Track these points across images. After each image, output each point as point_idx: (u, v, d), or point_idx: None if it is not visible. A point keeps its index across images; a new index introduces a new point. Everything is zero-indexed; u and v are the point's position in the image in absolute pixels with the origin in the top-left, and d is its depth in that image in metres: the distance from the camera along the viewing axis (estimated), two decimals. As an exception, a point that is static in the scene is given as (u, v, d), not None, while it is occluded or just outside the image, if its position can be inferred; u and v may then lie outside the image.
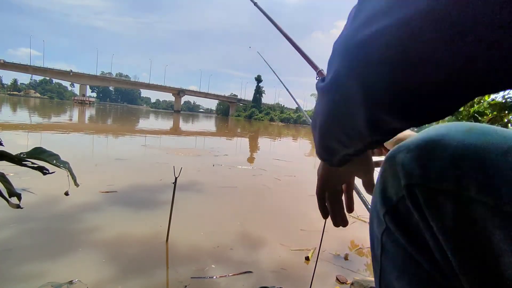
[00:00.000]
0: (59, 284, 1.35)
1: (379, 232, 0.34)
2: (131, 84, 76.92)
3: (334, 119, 0.32)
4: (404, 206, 0.29)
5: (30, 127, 8.02)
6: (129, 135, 8.63)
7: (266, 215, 2.70)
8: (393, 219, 0.31)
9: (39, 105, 27.83)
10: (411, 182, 0.28)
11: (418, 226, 0.28)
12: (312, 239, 2.15)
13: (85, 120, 14.22)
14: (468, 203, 0.25)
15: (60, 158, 0.63)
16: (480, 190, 0.24)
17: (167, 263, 1.66)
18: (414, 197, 0.28)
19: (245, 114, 62.68)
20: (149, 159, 4.80)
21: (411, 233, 0.30)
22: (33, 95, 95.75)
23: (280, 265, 1.75)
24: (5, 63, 52.78)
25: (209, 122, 27.61)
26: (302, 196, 3.55)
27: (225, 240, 2.02)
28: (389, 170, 0.32)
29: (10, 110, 16.52)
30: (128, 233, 1.96)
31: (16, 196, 0.61)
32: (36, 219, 2.04)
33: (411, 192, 0.28)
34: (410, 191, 0.28)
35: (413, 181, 0.28)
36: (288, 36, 0.78)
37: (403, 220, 0.30)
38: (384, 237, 0.33)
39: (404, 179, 0.29)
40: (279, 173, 4.54)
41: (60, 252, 1.64)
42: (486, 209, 0.24)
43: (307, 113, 1.05)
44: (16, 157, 0.60)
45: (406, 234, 0.30)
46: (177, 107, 70.43)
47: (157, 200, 2.69)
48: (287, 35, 0.78)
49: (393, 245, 0.32)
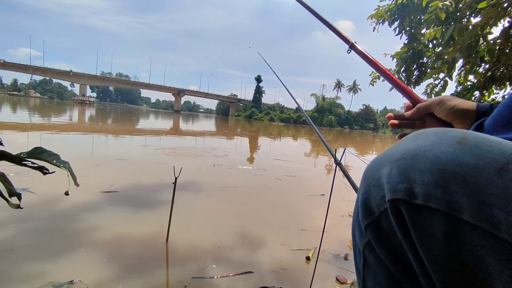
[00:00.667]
0: (59, 284, 1.35)
1: (361, 244, 0.32)
2: (131, 84, 76.92)
3: None
4: (387, 222, 0.27)
5: (31, 127, 8.02)
6: (129, 135, 8.63)
7: (266, 215, 2.70)
8: (375, 234, 0.29)
9: (39, 105, 27.83)
10: (396, 197, 0.26)
11: (401, 246, 0.26)
12: (312, 239, 2.15)
13: (85, 120, 14.22)
14: (459, 226, 0.22)
15: (60, 158, 0.62)
16: (473, 215, 0.22)
17: (167, 263, 1.66)
18: (399, 213, 0.25)
19: (245, 114, 62.64)
20: (149, 159, 4.80)
21: (394, 253, 0.27)
22: (33, 95, 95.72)
23: (281, 265, 1.75)
24: (5, 63, 52.77)
25: (209, 122, 27.60)
26: (303, 196, 3.55)
27: (226, 240, 2.02)
28: (373, 178, 0.29)
29: (10, 110, 16.51)
30: (130, 233, 1.96)
31: (16, 196, 0.60)
32: (37, 219, 2.04)
33: (396, 208, 0.26)
34: (395, 207, 0.26)
35: (398, 195, 0.25)
36: (314, 11, 0.80)
37: (386, 237, 0.28)
38: (366, 251, 0.31)
39: (389, 193, 0.26)
40: (279, 173, 4.54)
41: (61, 252, 1.64)
42: (481, 235, 0.22)
43: (307, 113, 1.05)
44: (16, 157, 0.60)
45: (389, 252, 0.28)
46: (177, 107, 70.42)
47: (158, 200, 2.69)
48: (313, 10, 0.80)
49: (375, 260, 0.30)
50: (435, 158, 0.25)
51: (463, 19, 2.07)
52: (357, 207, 0.32)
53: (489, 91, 2.36)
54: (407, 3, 2.33)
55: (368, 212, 0.29)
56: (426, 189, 0.24)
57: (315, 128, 1.21)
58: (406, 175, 0.26)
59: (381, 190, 0.28)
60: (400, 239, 0.26)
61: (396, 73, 2.68)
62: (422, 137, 0.28)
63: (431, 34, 2.13)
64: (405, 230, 0.25)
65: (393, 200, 0.26)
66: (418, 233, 0.24)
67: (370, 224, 0.29)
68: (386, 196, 0.27)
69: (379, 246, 0.29)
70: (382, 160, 0.29)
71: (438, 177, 0.24)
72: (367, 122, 59.37)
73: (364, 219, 0.30)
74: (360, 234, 0.31)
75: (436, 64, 2.21)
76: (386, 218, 0.27)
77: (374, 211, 0.28)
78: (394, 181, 0.26)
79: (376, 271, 0.30)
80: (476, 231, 0.22)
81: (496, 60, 2.13)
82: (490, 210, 0.22)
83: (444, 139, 0.26)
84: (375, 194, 0.28)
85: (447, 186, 0.23)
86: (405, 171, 0.26)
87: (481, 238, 0.22)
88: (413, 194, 0.25)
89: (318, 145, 10.86)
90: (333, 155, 1.12)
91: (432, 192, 0.24)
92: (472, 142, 0.25)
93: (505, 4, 1.75)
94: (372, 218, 0.29)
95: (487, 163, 0.23)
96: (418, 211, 0.24)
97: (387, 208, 0.26)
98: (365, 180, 0.31)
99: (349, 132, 38.34)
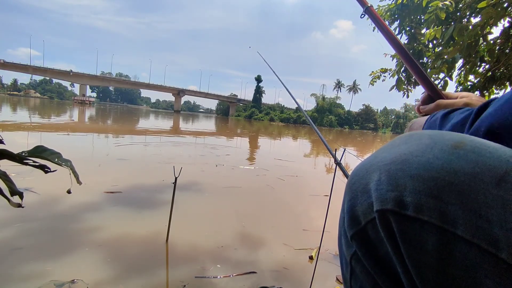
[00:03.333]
0: (61, 282, 1.35)
1: (347, 254, 0.30)
2: (131, 84, 76.91)
3: None
4: (375, 232, 0.25)
5: (31, 127, 8.03)
6: (130, 135, 8.63)
7: (270, 215, 2.70)
8: (362, 244, 0.27)
9: (39, 105, 27.84)
10: (385, 207, 0.24)
11: (389, 258, 0.24)
12: (315, 239, 2.15)
13: (85, 120, 14.22)
14: (454, 242, 0.21)
15: (62, 156, 0.63)
16: (469, 230, 0.20)
17: (167, 263, 1.66)
18: (387, 224, 0.24)
19: (245, 114, 62.67)
20: (151, 159, 4.80)
21: (382, 265, 0.26)
22: (33, 95, 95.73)
23: (284, 265, 1.75)
24: (5, 63, 52.77)
25: (210, 122, 27.61)
26: (306, 196, 3.55)
27: (229, 240, 2.02)
28: (360, 183, 0.27)
29: (11, 110, 16.52)
30: (133, 234, 1.96)
31: (18, 195, 0.61)
32: (42, 219, 2.04)
33: (384, 218, 0.24)
34: (383, 217, 0.24)
35: (387, 206, 0.23)
36: None
37: (374, 248, 0.26)
38: (353, 261, 0.29)
39: (377, 202, 0.24)
40: (281, 173, 4.54)
41: (64, 251, 1.65)
42: (477, 253, 0.20)
43: (307, 113, 1.05)
44: (18, 156, 0.60)
45: (376, 264, 0.26)
46: (177, 107, 70.44)
47: (161, 200, 2.68)
48: None
49: (362, 271, 0.28)
50: (428, 164, 0.23)
51: (463, 19, 2.07)
52: (343, 214, 0.30)
53: (489, 91, 2.36)
54: (407, 3, 2.33)
55: (354, 220, 0.27)
56: (418, 198, 0.22)
57: (315, 128, 1.21)
58: (396, 182, 0.24)
59: (368, 197, 0.26)
60: (388, 250, 0.24)
61: (396, 73, 2.68)
62: (415, 139, 0.26)
63: (431, 34, 2.13)
64: (393, 242, 0.23)
65: (382, 211, 0.24)
66: (408, 246, 0.22)
67: (356, 233, 0.27)
68: (374, 205, 0.25)
69: (365, 257, 0.27)
70: (371, 164, 0.27)
71: (430, 186, 0.22)
72: (367, 122, 59.42)
73: (350, 228, 0.28)
74: (347, 244, 0.30)
75: (436, 64, 2.22)
76: (373, 228, 0.25)
77: (360, 219, 0.27)
78: (383, 188, 0.24)
79: (363, 282, 0.29)
80: (473, 249, 0.20)
81: (496, 60, 2.13)
82: (489, 225, 0.20)
83: (438, 142, 0.24)
84: (362, 201, 0.26)
85: (440, 195, 0.21)
86: (395, 178, 0.24)
87: (477, 256, 0.20)
88: (404, 204, 0.23)
89: (318, 145, 10.86)
90: (333, 155, 1.12)
91: (424, 202, 0.22)
92: (468, 147, 0.23)
93: (505, 4, 1.75)
94: (358, 227, 0.27)
95: (484, 172, 0.21)
96: (408, 222, 0.22)
97: (375, 218, 0.25)
98: (351, 185, 0.29)
99: (349, 132, 38.35)
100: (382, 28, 0.58)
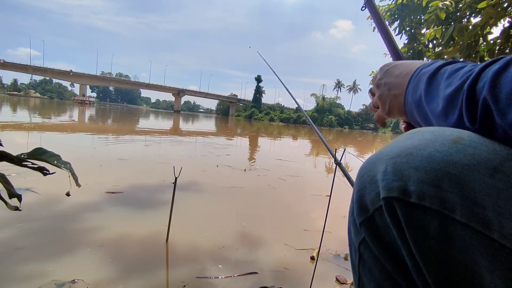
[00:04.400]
0: (62, 282, 1.35)
1: (356, 241, 0.32)
2: (131, 84, 76.87)
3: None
4: (382, 219, 0.28)
5: (31, 127, 8.03)
6: (130, 135, 8.62)
7: (271, 215, 2.70)
8: (370, 231, 0.29)
9: (39, 105, 27.84)
10: (390, 195, 0.26)
11: (396, 243, 0.27)
12: (316, 239, 2.15)
13: (85, 120, 14.22)
14: (452, 225, 0.23)
15: (61, 159, 0.62)
16: (466, 214, 0.22)
17: (167, 263, 1.66)
18: (393, 211, 0.26)
19: (245, 114, 62.60)
20: (151, 159, 4.81)
21: (388, 249, 0.28)
22: (33, 95, 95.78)
23: (285, 265, 1.75)
24: (5, 63, 52.74)
25: (210, 122, 27.60)
26: (307, 196, 3.55)
27: (231, 240, 2.02)
28: (368, 175, 0.30)
29: (11, 110, 16.52)
30: (133, 233, 1.96)
31: (16, 197, 0.60)
32: (42, 219, 2.04)
33: (390, 206, 0.26)
34: (389, 204, 0.26)
35: (393, 194, 0.26)
36: None
37: (381, 234, 0.28)
38: (362, 248, 0.31)
39: (383, 190, 0.27)
40: (282, 173, 4.54)
41: (64, 252, 1.65)
42: (473, 235, 0.22)
43: (307, 113, 1.05)
44: (16, 158, 0.59)
45: (383, 249, 0.28)
46: (177, 107, 70.40)
47: (161, 200, 2.68)
48: None
49: (370, 256, 0.30)
50: (430, 157, 0.25)
51: (463, 19, 2.07)
52: (352, 203, 0.32)
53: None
54: (407, 3, 2.33)
55: (363, 209, 0.30)
56: (420, 187, 0.24)
57: (315, 128, 1.21)
58: (401, 173, 0.26)
59: (375, 187, 0.28)
60: (394, 235, 0.27)
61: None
62: (418, 135, 0.29)
63: (431, 34, 2.13)
64: (399, 227, 0.26)
65: (388, 198, 0.26)
66: (412, 231, 0.25)
67: (364, 220, 0.30)
68: (381, 193, 0.27)
69: (373, 242, 0.29)
70: (378, 158, 0.29)
71: (432, 176, 0.24)
72: (367, 122, 59.32)
73: (359, 216, 0.30)
74: (356, 231, 0.32)
75: (436, 64, 2.21)
76: (380, 215, 0.28)
77: (368, 208, 0.29)
78: (389, 178, 0.26)
79: (371, 267, 0.31)
80: (469, 231, 0.22)
81: (496, 60, 2.13)
82: (483, 211, 0.22)
83: (439, 137, 0.27)
84: (370, 191, 0.29)
85: (440, 185, 0.24)
86: (400, 169, 0.26)
87: (473, 237, 0.22)
88: (408, 192, 0.25)
89: (319, 145, 10.85)
90: (333, 155, 1.12)
91: (426, 191, 0.24)
92: (467, 142, 0.25)
93: (505, 4, 1.75)
94: (367, 215, 0.29)
95: (480, 163, 0.23)
96: (412, 209, 0.24)
97: (382, 206, 0.27)
98: (360, 177, 0.31)
99: (349, 132, 38.32)
100: (380, 24, 0.58)
